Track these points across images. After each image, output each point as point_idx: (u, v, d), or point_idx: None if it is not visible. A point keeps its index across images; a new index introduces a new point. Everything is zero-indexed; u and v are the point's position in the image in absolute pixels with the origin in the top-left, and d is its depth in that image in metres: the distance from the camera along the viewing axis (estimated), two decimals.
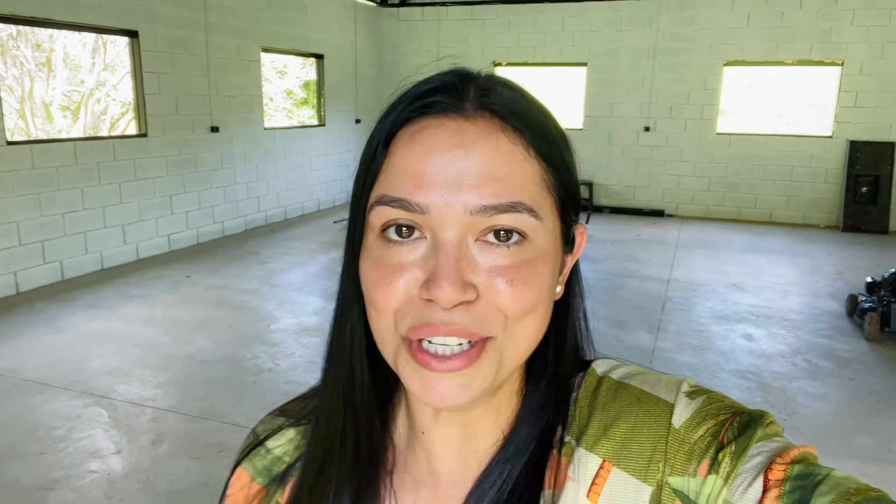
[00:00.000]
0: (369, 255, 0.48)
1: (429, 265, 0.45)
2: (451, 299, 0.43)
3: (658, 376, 0.53)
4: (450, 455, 0.54)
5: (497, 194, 0.45)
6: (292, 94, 12.73)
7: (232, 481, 0.62)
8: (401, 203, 0.46)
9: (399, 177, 0.46)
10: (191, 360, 4.26)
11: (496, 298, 0.45)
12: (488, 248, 0.46)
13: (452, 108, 0.47)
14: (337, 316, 0.55)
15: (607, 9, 9.86)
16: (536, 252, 0.47)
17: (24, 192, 5.61)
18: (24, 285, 5.67)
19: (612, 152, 10.25)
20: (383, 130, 0.49)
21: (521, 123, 0.47)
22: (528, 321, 0.47)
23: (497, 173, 0.45)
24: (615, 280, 6.32)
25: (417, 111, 0.48)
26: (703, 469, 0.46)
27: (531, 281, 0.46)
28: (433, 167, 0.45)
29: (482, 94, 0.48)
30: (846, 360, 4.44)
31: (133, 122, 6.98)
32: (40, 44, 10.34)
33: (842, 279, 6.48)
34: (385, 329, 0.48)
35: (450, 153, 0.45)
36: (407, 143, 0.47)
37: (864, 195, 8.96)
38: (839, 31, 8.88)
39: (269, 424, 0.63)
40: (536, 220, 0.46)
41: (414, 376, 0.46)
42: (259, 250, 7.32)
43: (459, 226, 0.45)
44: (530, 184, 0.47)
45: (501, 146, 0.46)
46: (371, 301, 0.48)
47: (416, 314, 0.45)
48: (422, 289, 0.45)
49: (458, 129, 0.46)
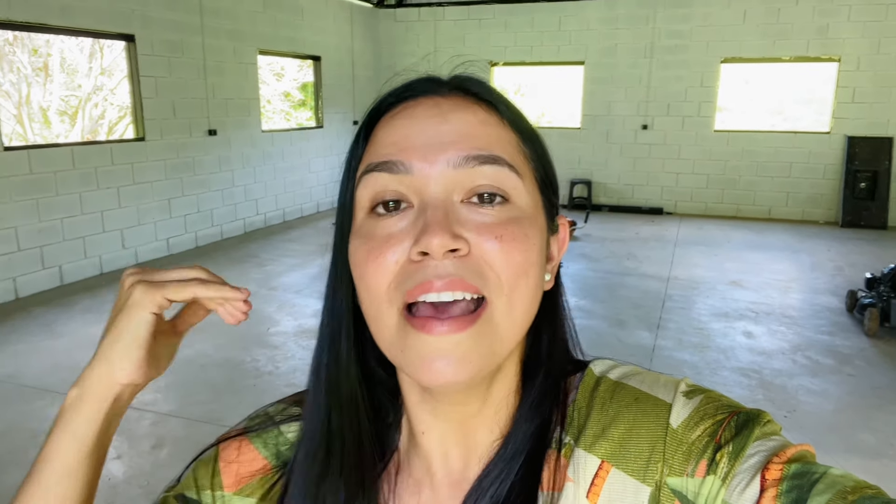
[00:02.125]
0: (358, 235, 0.49)
1: (417, 227, 0.45)
2: (442, 244, 0.43)
3: (656, 376, 0.53)
4: (448, 454, 0.53)
5: (477, 147, 0.47)
6: (289, 97, 12.73)
7: (227, 448, 0.60)
8: (385, 165, 0.47)
9: (381, 146, 0.49)
10: (190, 364, 4.26)
11: (487, 256, 0.45)
12: (474, 208, 0.47)
13: (430, 91, 0.51)
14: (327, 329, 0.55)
15: (604, 7, 9.87)
16: (521, 213, 0.48)
17: (22, 198, 5.60)
18: (22, 291, 5.66)
19: (610, 151, 10.25)
20: (365, 121, 0.52)
21: (494, 99, 0.51)
22: (521, 286, 0.47)
23: (475, 133, 0.48)
24: (614, 279, 6.31)
25: (397, 99, 0.51)
26: (702, 469, 0.46)
27: (519, 238, 0.46)
28: (413, 132, 0.48)
29: (456, 82, 0.51)
30: (846, 357, 4.44)
31: (131, 126, 6.98)
32: (37, 49, 10.34)
33: (841, 275, 6.48)
34: (379, 310, 0.47)
35: (429, 121, 0.48)
36: (387, 122, 0.50)
37: (862, 191, 8.96)
38: (836, 27, 8.89)
39: (284, 411, 0.62)
40: (517, 176, 0.48)
41: (413, 354, 0.45)
42: (258, 253, 7.32)
43: (444, 181, 0.46)
44: (507, 145, 0.49)
45: (477, 113, 0.49)
46: (363, 280, 0.47)
47: (409, 277, 0.45)
48: (413, 248, 0.45)
49: (435, 103, 0.49)
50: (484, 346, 0.46)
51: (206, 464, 0.61)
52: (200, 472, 0.61)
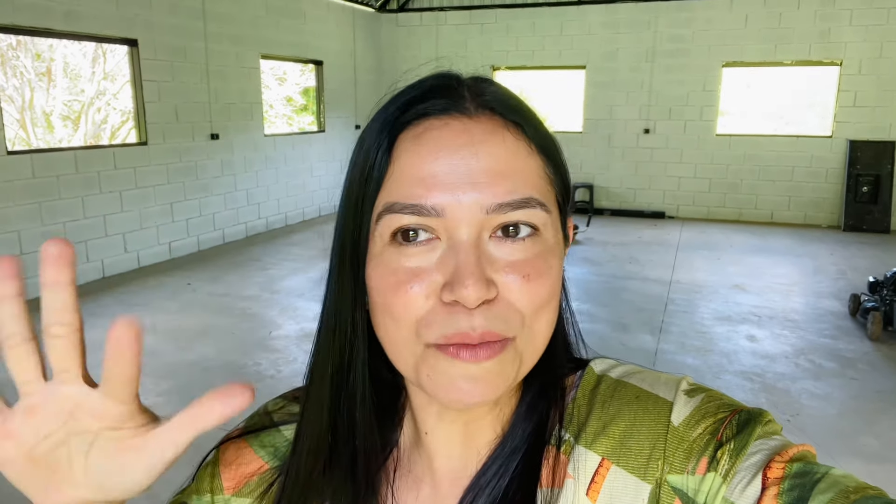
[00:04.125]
0: (380, 262, 0.47)
1: (448, 267, 0.44)
2: (477, 297, 0.43)
3: (657, 375, 0.53)
4: (451, 453, 0.54)
5: (510, 191, 0.45)
6: (292, 101, 12.77)
7: (228, 451, 0.61)
8: (414, 209, 0.45)
9: (408, 182, 0.45)
10: (193, 368, 4.26)
11: (513, 297, 0.45)
12: (503, 243, 0.46)
13: (454, 108, 0.47)
14: (325, 326, 0.54)
15: (605, 11, 9.88)
16: (546, 245, 0.47)
17: (25, 202, 5.62)
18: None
19: (612, 155, 10.25)
20: (382, 135, 0.47)
21: (521, 119, 0.48)
22: (542, 318, 0.47)
23: (507, 170, 0.45)
24: (617, 282, 6.31)
25: (418, 114, 0.47)
26: (702, 467, 0.46)
27: (545, 274, 0.46)
28: (443, 168, 0.45)
29: (477, 93, 0.48)
30: (850, 360, 4.42)
31: (133, 130, 7.00)
32: (40, 54, 10.39)
33: (844, 279, 6.47)
34: (404, 339, 0.46)
35: (459, 153, 0.45)
36: (412, 146, 0.46)
37: (864, 194, 8.95)
38: (837, 31, 8.89)
39: (283, 409, 0.62)
40: (547, 213, 0.47)
41: (441, 377, 0.45)
42: (260, 257, 7.33)
43: (476, 225, 0.45)
44: (537, 178, 0.47)
45: (508, 143, 0.46)
46: (388, 310, 0.46)
47: (442, 322, 0.44)
48: (444, 291, 0.44)
49: (464, 128, 0.46)
50: (508, 372, 0.46)
51: (206, 468, 0.62)
52: (201, 477, 0.62)
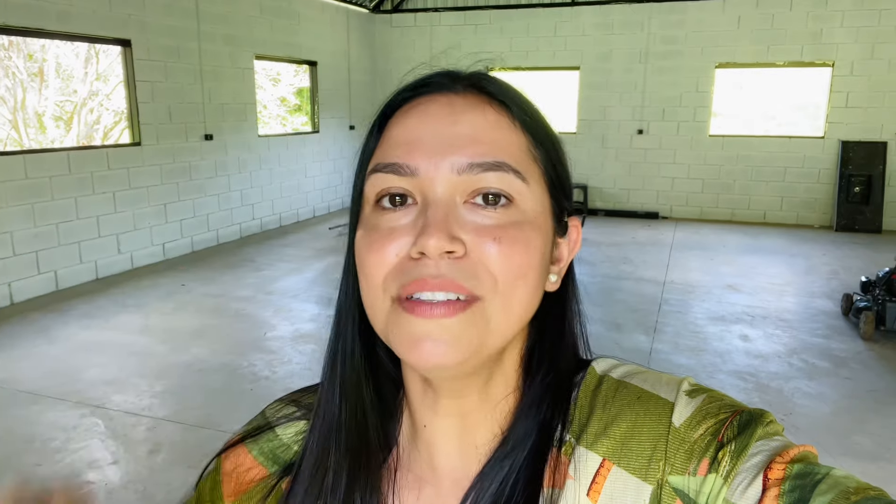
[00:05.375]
0: (363, 226, 0.50)
1: (418, 225, 0.46)
2: (438, 246, 0.44)
3: (658, 375, 0.53)
4: (450, 450, 0.54)
5: (482, 154, 0.47)
6: (286, 102, 12.73)
7: (229, 458, 0.61)
8: (392, 167, 0.48)
9: (393, 146, 0.49)
10: (187, 369, 4.25)
11: (485, 258, 0.46)
12: (476, 210, 0.47)
13: (445, 88, 0.51)
14: (337, 318, 0.56)
15: (599, 13, 9.91)
16: (524, 217, 0.48)
17: (17, 203, 5.59)
18: (18, 296, 5.64)
19: (605, 155, 10.28)
20: (377, 116, 0.53)
21: (507, 99, 0.51)
22: (518, 288, 0.47)
23: (483, 137, 0.48)
24: (611, 283, 6.33)
25: (412, 92, 0.52)
26: (703, 468, 0.46)
27: (519, 241, 0.47)
28: (424, 134, 0.48)
29: (474, 79, 0.52)
30: (842, 360, 4.45)
31: (126, 131, 6.96)
32: (32, 54, 10.32)
33: (836, 279, 6.51)
34: (374, 296, 0.48)
35: (441, 122, 0.49)
36: (402, 118, 0.51)
37: (856, 195, 9.01)
38: (829, 33, 8.94)
39: (281, 411, 0.63)
40: (522, 182, 0.48)
41: (403, 335, 0.46)
42: (254, 258, 7.31)
43: (447, 184, 0.47)
44: (515, 150, 0.49)
45: (488, 115, 0.49)
46: (362, 269, 0.49)
47: (406, 273, 0.46)
48: (412, 247, 0.46)
49: (449, 101, 0.50)
50: (473, 334, 0.46)
51: (208, 479, 0.62)
52: (203, 487, 0.62)
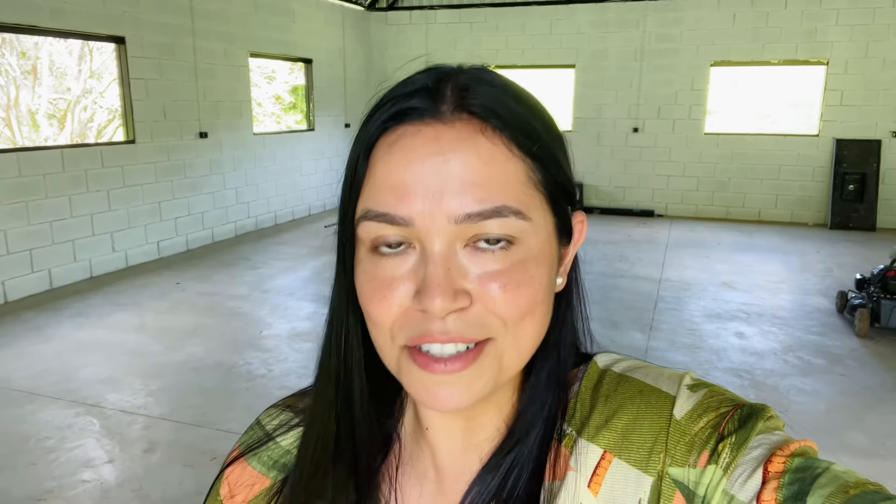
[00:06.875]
0: (363, 269, 0.48)
1: (419, 275, 0.45)
2: (442, 309, 0.43)
3: (660, 370, 0.53)
4: (453, 449, 0.54)
5: (480, 200, 0.44)
6: (281, 100, 12.70)
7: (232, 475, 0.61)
8: (385, 217, 0.45)
9: (381, 190, 0.46)
10: (182, 368, 4.23)
11: (491, 304, 0.45)
12: (477, 254, 0.45)
13: (428, 114, 0.46)
14: (330, 325, 0.55)
15: (594, 11, 9.91)
16: (528, 254, 0.46)
17: (10, 201, 5.56)
18: (11, 295, 5.61)
19: (601, 153, 10.29)
20: (363, 140, 0.48)
21: (500, 122, 0.46)
22: (527, 324, 0.47)
23: (478, 178, 0.44)
24: (607, 280, 6.34)
25: (394, 118, 0.46)
26: (703, 460, 0.46)
27: (524, 283, 0.45)
28: (413, 177, 0.44)
29: (460, 93, 0.46)
30: (837, 357, 4.47)
31: (121, 128, 6.94)
32: (25, 52, 10.26)
33: (831, 276, 6.53)
34: (384, 342, 0.48)
35: (429, 161, 0.44)
36: (386, 154, 0.46)
37: (851, 193, 9.05)
38: (824, 31, 8.97)
39: (276, 419, 0.62)
40: (524, 221, 0.45)
41: (417, 383, 0.46)
42: (250, 256, 7.29)
43: (445, 235, 0.44)
44: (514, 184, 0.45)
45: (481, 149, 0.45)
46: (368, 316, 0.48)
47: (413, 325, 0.45)
48: (414, 300, 0.45)
49: (436, 135, 0.45)
50: (488, 377, 0.46)
51: (212, 495, 0.62)
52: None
